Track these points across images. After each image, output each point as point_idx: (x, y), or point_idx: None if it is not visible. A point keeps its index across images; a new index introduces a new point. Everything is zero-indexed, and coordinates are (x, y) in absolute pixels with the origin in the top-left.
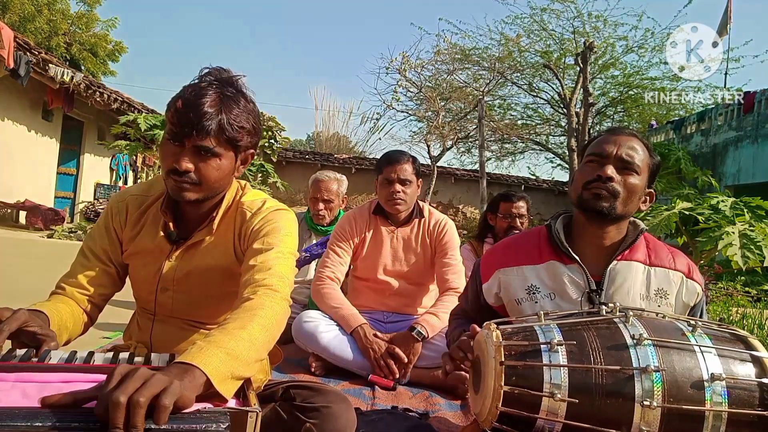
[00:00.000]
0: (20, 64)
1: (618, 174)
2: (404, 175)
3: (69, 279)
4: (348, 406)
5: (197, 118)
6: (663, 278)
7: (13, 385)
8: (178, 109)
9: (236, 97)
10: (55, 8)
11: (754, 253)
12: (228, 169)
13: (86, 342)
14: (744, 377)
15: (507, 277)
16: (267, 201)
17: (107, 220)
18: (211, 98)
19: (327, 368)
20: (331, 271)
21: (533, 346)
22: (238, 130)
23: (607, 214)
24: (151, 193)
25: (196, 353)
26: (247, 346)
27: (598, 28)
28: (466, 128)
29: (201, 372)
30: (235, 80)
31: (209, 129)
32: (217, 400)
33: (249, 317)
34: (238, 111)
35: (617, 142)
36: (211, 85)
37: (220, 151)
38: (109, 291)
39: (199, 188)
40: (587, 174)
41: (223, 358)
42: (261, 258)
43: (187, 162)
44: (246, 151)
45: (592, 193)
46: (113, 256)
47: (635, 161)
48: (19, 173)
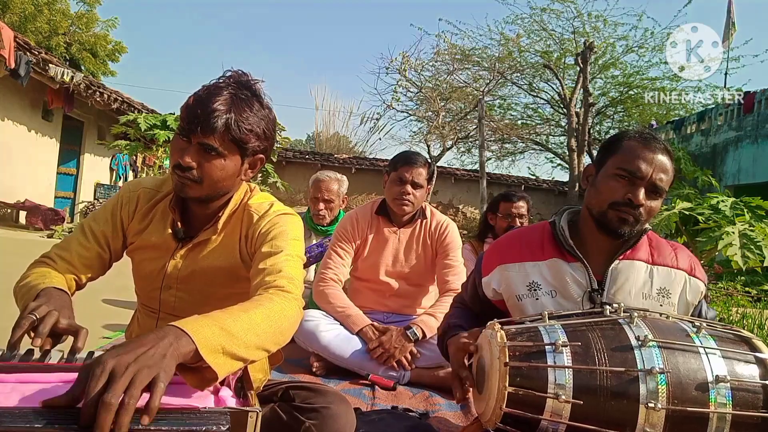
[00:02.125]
0: (20, 64)
1: (647, 198)
2: (418, 179)
3: (63, 254)
4: (347, 407)
5: (204, 115)
6: (666, 277)
7: (14, 386)
8: (189, 105)
9: (250, 100)
10: (55, 8)
11: (754, 253)
12: (232, 171)
13: (86, 342)
14: (748, 379)
15: (508, 272)
16: (274, 204)
17: (115, 207)
18: (223, 98)
19: (328, 368)
20: (334, 272)
21: (538, 347)
22: (245, 132)
23: (626, 236)
24: (162, 189)
25: (190, 321)
26: (245, 327)
27: (598, 28)
28: (466, 128)
29: (189, 339)
30: (252, 84)
31: (215, 127)
32: (205, 378)
33: (253, 305)
34: (249, 114)
35: (653, 163)
36: (227, 86)
37: (225, 152)
38: (96, 275)
39: (200, 186)
40: (616, 193)
41: (216, 331)
42: (270, 261)
43: (190, 158)
44: (254, 156)
45: (619, 217)
46: (112, 243)
47: (664, 185)
48: (19, 173)
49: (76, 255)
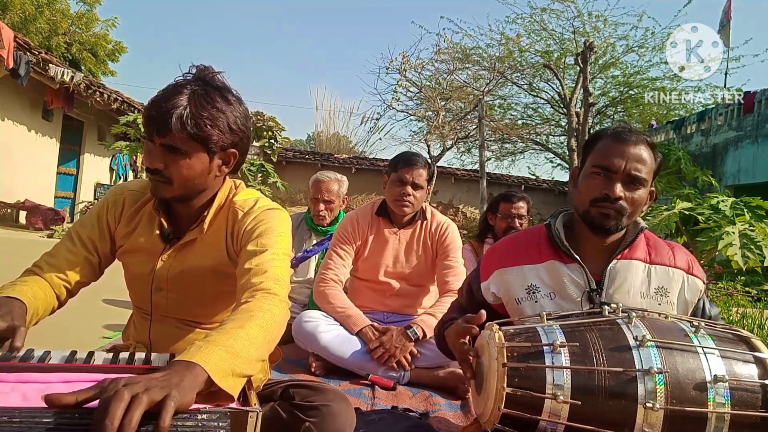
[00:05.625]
0: (20, 64)
1: (626, 190)
2: (418, 180)
3: (51, 260)
4: (347, 406)
5: (159, 115)
6: (663, 276)
7: (14, 386)
8: (146, 107)
9: (210, 94)
10: (55, 8)
11: (754, 253)
12: (200, 168)
13: (86, 342)
14: (747, 378)
15: (507, 276)
16: (259, 200)
17: (101, 211)
18: (180, 96)
19: (327, 368)
20: (334, 273)
21: (536, 348)
22: (205, 128)
23: (613, 231)
24: (148, 191)
25: (196, 351)
26: (246, 344)
27: (598, 28)
28: (466, 128)
29: (202, 369)
30: (214, 78)
31: (170, 126)
32: (221, 399)
33: (246, 318)
34: (209, 109)
35: (626, 155)
36: (187, 83)
37: (188, 150)
38: (87, 280)
39: (171, 187)
40: (594, 190)
41: (223, 355)
42: (256, 261)
43: (156, 160)
44: (225, 151)
45: (600, 213)
46: (100, 246)
47: (643, 174)
48: (19, 173)
49: (64, 261)
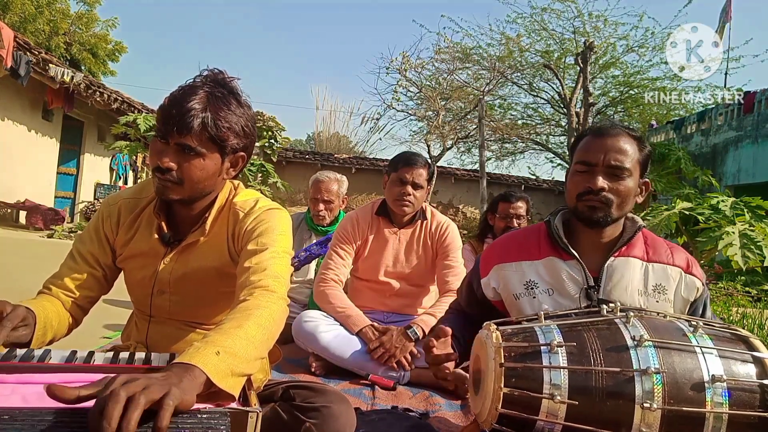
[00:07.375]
0: (20, 63)
1: (609, 181)
2: (418, 180)
3: (56, 280)
4: (348, 407)
5: (180, 115)
6: (661, 274)
7: (14, 387)
8: (164, 106)
9: (226, 98)
10: (55, 8)
11: (754, 253)
12: (212, 170)
13: (86, 342)
14: (745, 378)
15: (505, 272)
16: (260, 200)
17: (98, 224)
18: (198, 96)
19: (327, 368)
20: (335, 273)
21: (533, 348)
22: (223, 130)
23: (604, 223)
24: (143, 196)
25: (194, 353)
26: (244, 344)
27: (598, 28)
28: (466, 128)
29: (200, 371)
30: (229, 82)
31: (191, 126)
32: (222, 399)
33: (245, 316)
34: (227, 111)
35: (604, 147)
36: (203, 84)
37: (204, 151)
38: (96, 294)
39: (181, 188)
40: (578, 185)
41: (222, 355)
42: (256, 259)
43: (169, 160)
44: (235, 154)
45: (587, 206)
46: (102, 259)
47: (625, 164)
48: (19, 173)
49: (69, 279)
